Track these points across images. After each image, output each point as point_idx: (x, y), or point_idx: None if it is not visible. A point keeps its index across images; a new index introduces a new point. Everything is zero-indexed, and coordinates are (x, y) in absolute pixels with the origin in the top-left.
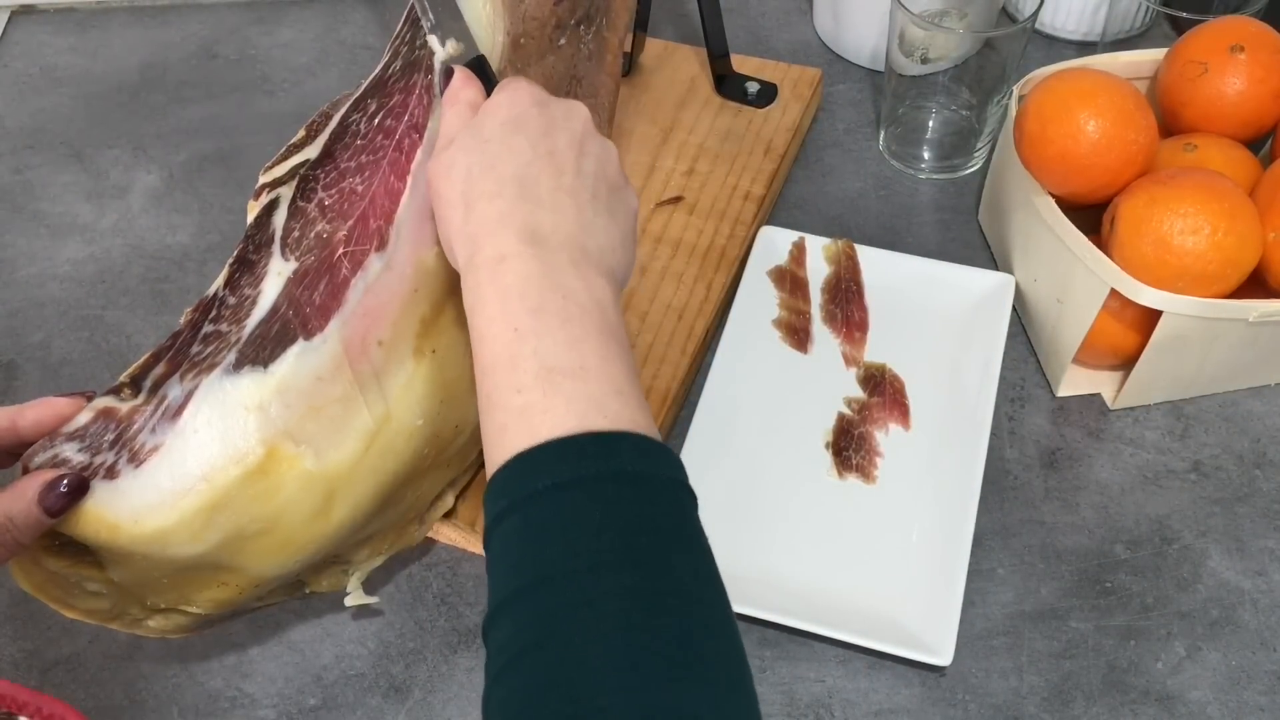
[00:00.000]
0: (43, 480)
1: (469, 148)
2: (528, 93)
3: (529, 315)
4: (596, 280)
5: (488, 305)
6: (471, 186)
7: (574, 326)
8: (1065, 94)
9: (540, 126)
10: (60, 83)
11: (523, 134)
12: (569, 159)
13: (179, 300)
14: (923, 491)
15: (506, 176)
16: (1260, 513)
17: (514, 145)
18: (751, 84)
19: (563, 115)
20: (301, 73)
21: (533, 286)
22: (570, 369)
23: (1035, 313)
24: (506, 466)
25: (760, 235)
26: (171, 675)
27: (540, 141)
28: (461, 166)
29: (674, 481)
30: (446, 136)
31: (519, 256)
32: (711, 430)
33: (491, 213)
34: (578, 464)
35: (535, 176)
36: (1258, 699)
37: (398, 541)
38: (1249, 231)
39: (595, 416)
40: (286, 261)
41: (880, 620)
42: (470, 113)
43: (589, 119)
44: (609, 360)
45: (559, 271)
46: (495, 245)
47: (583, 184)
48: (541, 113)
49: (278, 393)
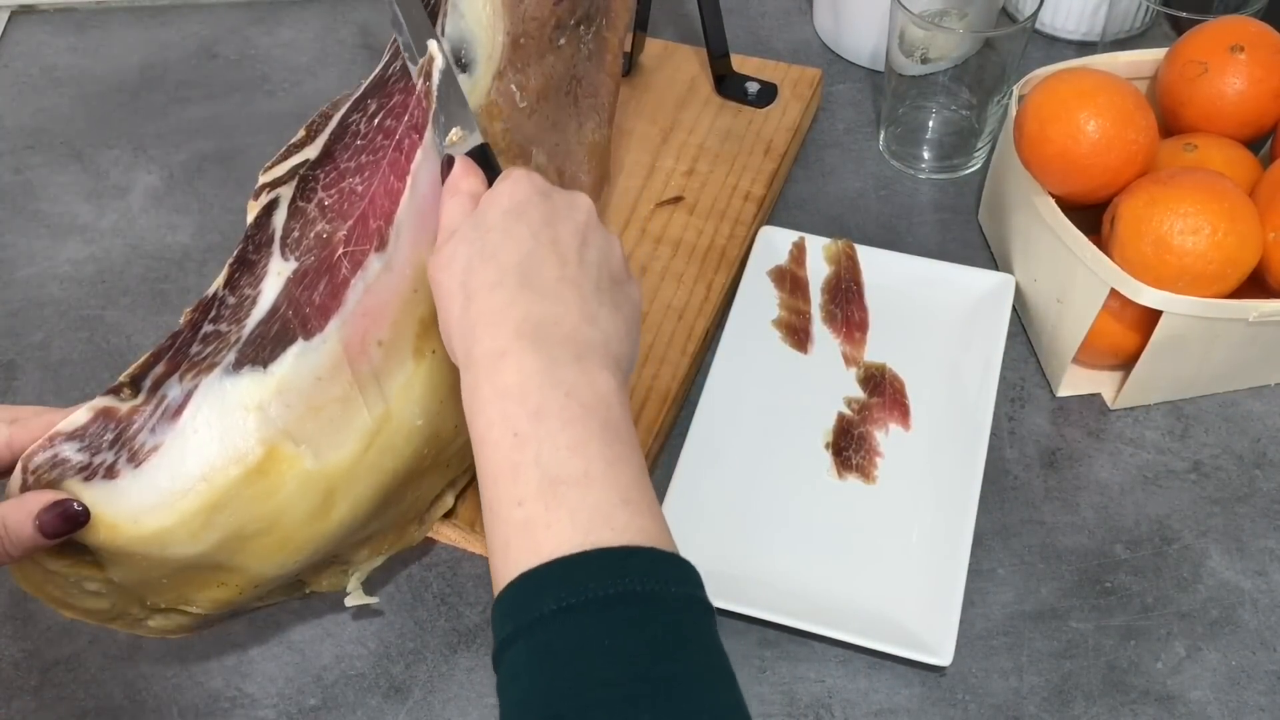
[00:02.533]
0: (47, 500)
1: (470, 238)
2: (530, 182)
3: (529, 419)
4: (600, 374)
5: (487, 407)
6: (472, 276)
7: (577, 428)
8: (1065, 94)
9: (543, 215)
10: (60, 83)
11: (525, 223)
12: (572, 248)
13: (179, 300)
14: (923, 491)
15: (508, 265)
16: (1260, 513)
17: (516, 234)
18: (751, 84)
19: (566, 205)
20: (301, 73)
21: (533, 386)
22: (574, 477)
23: (1035, 313)
24: (512, 586)
25: (760, 235)
26: (171, 675)
27: (543, 230)
28: (462, 257)
29: (689, 599)
30: (447, 229)
31: (519, 352)
32: (711, 430)
33: (492, 303)
34: (584, 585)
35: (537, 266)
36: (1258, 699)
37: (398, 541)
38: (1249, 231)
39: (602, 529)
40: (286, 261)
41: (880, 620)
42: (471, 204)
43: (592, 209)
44: (615, 464)
45: (561, 366)
46: (494, 339)
47: (586, 274)
48: (544, 202)
49: (277, 393)
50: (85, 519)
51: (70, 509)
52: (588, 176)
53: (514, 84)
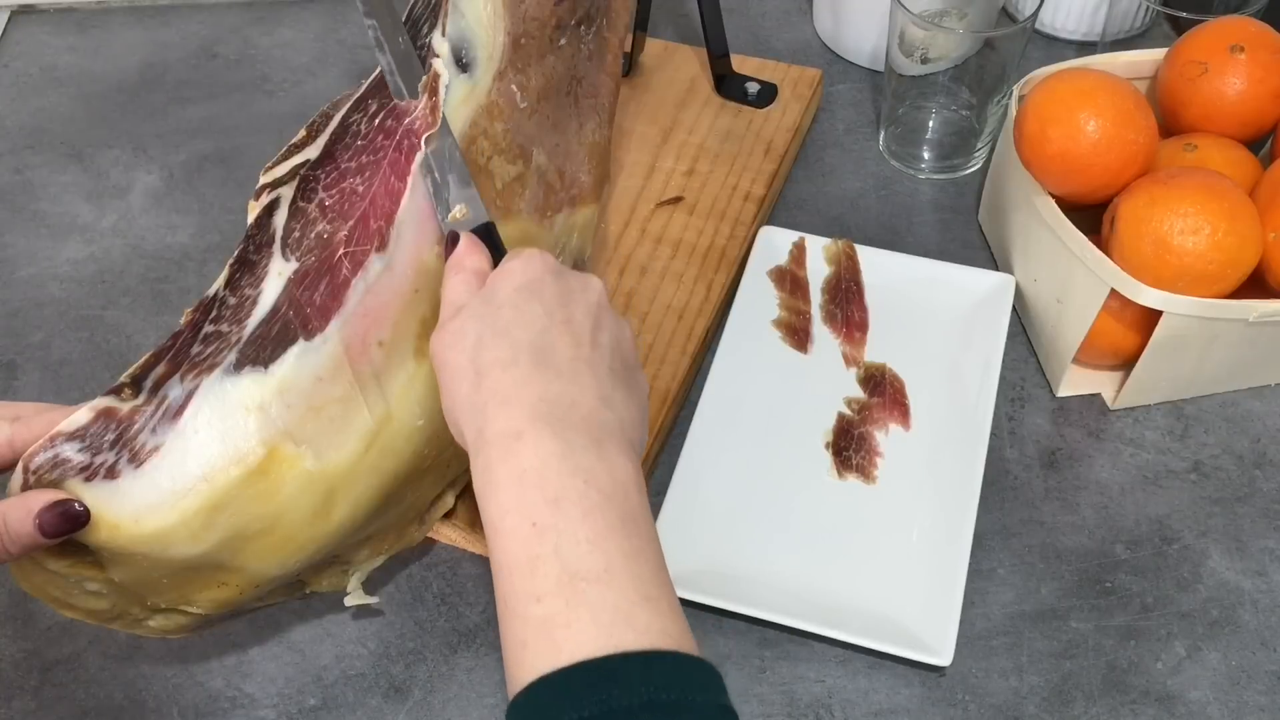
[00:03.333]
0: (48, 499)
1: (480, 314)
2: (542, 261)
3: (548, 507)
4: (619, 460)
5: (501, 492)
6: (482, 354)
7: (597, 519)
8: (1065, 94)
9: (556, 294)
10: (60, 83)
11: (538, 300)
12: (586, 329)
13: (179, 300)
14: (923, 491)
15: (521, 343)
16: (1260, 513)
17: (529, 312)
18: (751, 84)
19: (579, 286)
20: (301, 73)
21: (551, 471)
22: (594, 573)
23: (1035, 313)
24: (529, 691)
25: (760, 235)
26: (171, 675)
27: (557, 309)
28: (471, 333)
29: (715, 707)
30: (452, 304)
31: (536, 434)
32: (711, 430)
33: (505, 382)
34: (608, 693)
35: (552, 345)
36: (1258, 699)
37: (398, 541)
38: (1249, 231)
39: (624, 631)
40: (287, 261)
41: (880, 620)
42: (477, 280)
43: (604, 292)
44: (635, 558)
45: (579, 452)
46: (509, 419)
47: (600, 356)
48: (557, 281)
49: (278, 393)
50: (86, 520)
51: (71, 509)
52: (588, 177)
53: (515, 84)
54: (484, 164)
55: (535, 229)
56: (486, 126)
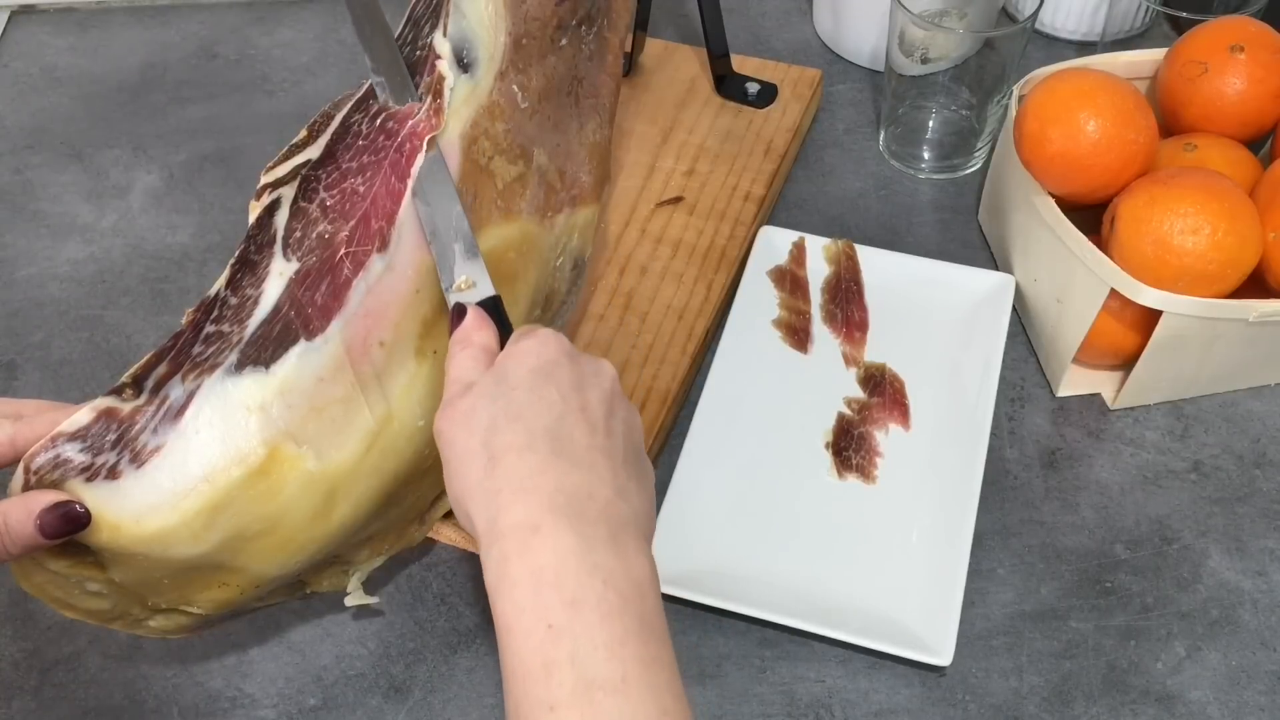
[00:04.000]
0: (49, 500)
1: (493, 395)
2: (557, 342)
3: (565, 609)
4: (636, 557)
5: (517, 589)
6: (496, 437)
7: (614, 624)
8: (1065, 94)
9: (571, 379)
10: (60, 83)
11: (554, 385)
12: (600, 416)
13: (179, 300)
14: (923, 491)
15: (538, 429)
16: (1260, 513)
17: (545, 395)
18: (751, 84)
19: (592, 370)
20: (301, 73)
21: (569, 570)
22: (611, 682)
23: (1035, 313)
24: None
25: (760, 235)
26: (171, 675)
27: (572, 395)
28: (483, 415)
29: None
30: (459, 382)
31: (554, 528)
32: (711, 430)
33: (521, 469)
34: None
35: (569, 432)
36: (1258, 699)
37: (398, 542)
38: (1249, 231)
39: None
40: (288, 262)
41: (880, 620)
42: (485, 357)
43: (616, 378)
44: (651, 666)
45: (597, 549)
46: (526, 510)
47: (614, 445)
48: (572, 365)
49: (279, 393)
50: (86, 521)
51: (72, 511)
52: (589, 177)
53: (516, 84)
54: (485, 164)
55: (536, 229)
56: (488, 126)
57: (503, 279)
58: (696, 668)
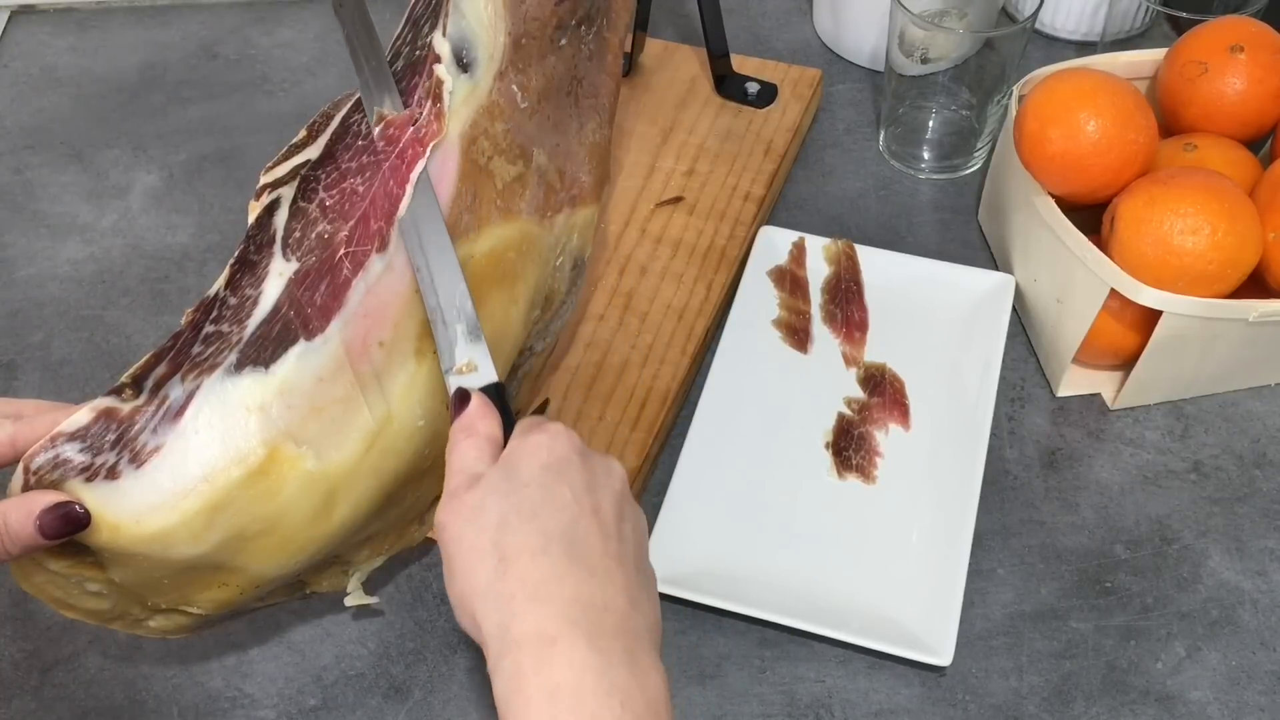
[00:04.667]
0: (49, 500)
1: (503, 492)
2: (569, 439)
3: None
4: (650, 673)
5: (532, 707)
6: (508, 537)
7: None
8: (1065, 94)
9: (584, 479)
10: (60, 83)
11: (566, 484)
12: (612, 519)
13: (179, 300)
14: (923, 491)
15: (552, 532)
16: (1260, 513)
17: (558, 495)
18: (751, 84)
19: (603, 470)
20: (301, 73)
21: (587, 689)
22: None
23: (1035, 313)
24: None
25: (760, 235)
26: (171, 675)
27: (585, 496)
28: (493, 512)
29: None
30: (464, 473)
31: (571, 642)
32: (711, 430)
33: (535, 573)
34: None
35: (583, 536)
36: (1258, 699)
37: (398, 542)
38: (1249, 231)
39: None
40: (288, 262)
41: (880, 620)
42: (490, 448)
43: (625, 477)
44: None
45: (615, 666)
46: (541, 620)
47: (626, 551)
48: (584, 463)
49: (279, 393)
50: (86, 522)
51: (72, 511)
52: (588, 177)
53: (515, 84)
54: (484, 164)
55: (535, 229)
56: (487, 127)
57: (502, 279)
58: (696, 668)
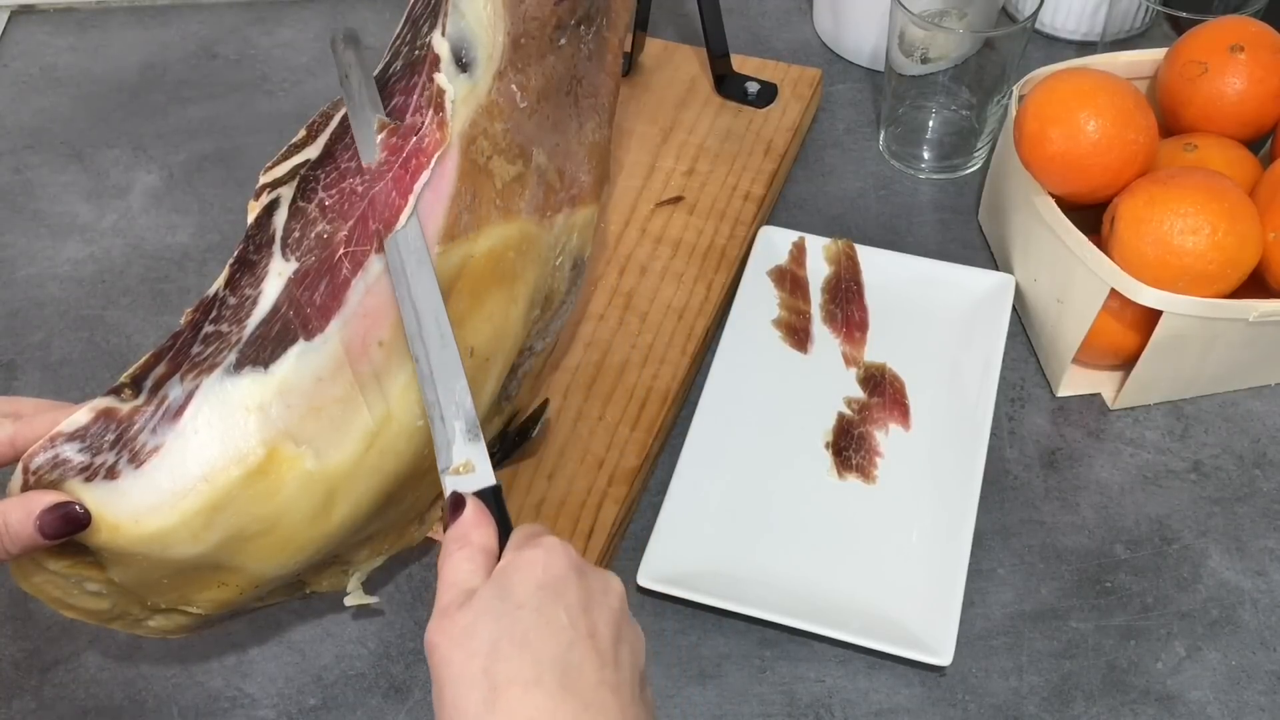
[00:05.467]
0: (49, 501)
1: (496, 613)
2: (566, 555)
3: None
4: None
5: None
6: (499, 664)
7: None
8: (1065, 94)
9: (580, 599)
10: (60, 83)
11: (562, 606)
12: (609, 643)
13: (179, 300)
14: (923, 491)
15: (546, 660)
16: (1260, 513)
17: (553, 619)
18: (751, 84)
19: (601, 588)
20: (301, 73)
21: None
22: None
23: (1035, 313)
24: None
25: (760, 235)
26: (171, 675)
27: (581, 618)
28: (485, 636)
29: None
30: (456, 587)
31: None
32: (711, 430)
33: (526, 708)
34: None
35: (578, 664)
36: (1258, 699)
37: (398, 542)
38: (1249, 231)
39: None
40: (287, 262)
41: (880, 620)
42: (484, 560)
43: (624, 595)
44: None
45: None
46: None
47: (622, 677)
48: (580, 581)
49: (278, 393)
50: (87, 522)
51: (72, 512)
52: (588, 177)
53: (515, 84)
54: (484, 164)
55: (535, 229)
56: (486, 126)
57: (502, 279)
58: (696, 668)
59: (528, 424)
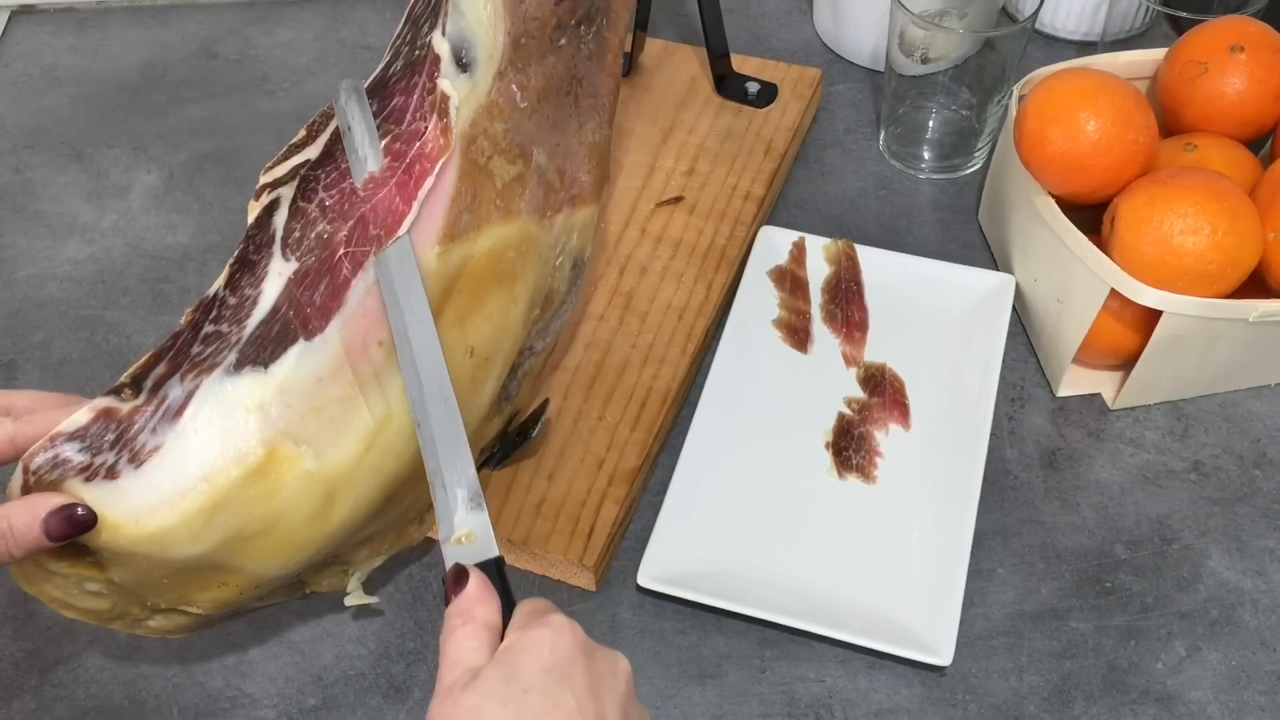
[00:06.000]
0: (54, 503)
1: (502, 696)
2: (573, 636)
3: None
4: None
5: None
6: None
7: None
8: (1065, 94)
9: (588, 681)
10: (60, 83)
11: (569, 689)
12: None
13: (179, 300)
14: (923, 491)
15: None
16: (1260, 513)
17: (560, 703)
18: (751, 84)
19: (608, 670)
20: (301, 73)
21: None
22: None
23: (1035, 313)
24: None
25: (760, 235)
26: (171, 675)
27: (589, 703)
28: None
29: None
30: (460, 666)
31: None
32: (711, 430)
33: None
34: None
35: None
36: (1258, 699)
37: (398, 542)
38: (1249, 231)
39: None
40: (287, 262)
41: (880, 620)
42: (488, 636)
43: (630, 675)
44: None
45: None
46: None
47: None
48: (588, 663)
49: (278, 393)
50: (92, 524)
51: (77, 514)
52: (588, 177)
53: (515, 84)
54: (484, 164)
55: (535, 229)
56: (486, 126)
57: (502, 278)
58: (696, 668)
59: (528, 424)
